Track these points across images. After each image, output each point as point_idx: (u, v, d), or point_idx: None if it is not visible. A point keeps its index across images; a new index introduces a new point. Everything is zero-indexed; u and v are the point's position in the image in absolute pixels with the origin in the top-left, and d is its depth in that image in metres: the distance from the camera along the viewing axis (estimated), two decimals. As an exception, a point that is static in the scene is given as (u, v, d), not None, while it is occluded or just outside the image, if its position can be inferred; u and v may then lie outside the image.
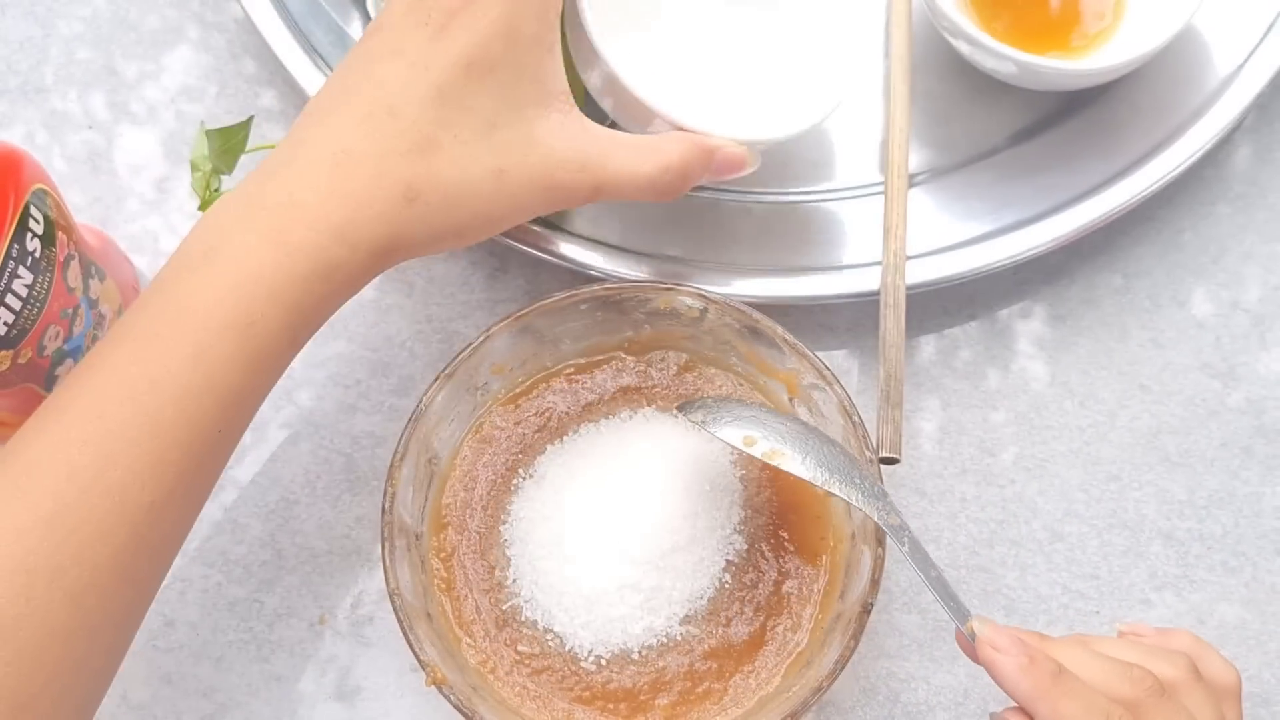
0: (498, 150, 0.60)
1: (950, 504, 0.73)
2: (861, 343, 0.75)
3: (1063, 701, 0.55)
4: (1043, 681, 0.55)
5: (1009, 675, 0.56)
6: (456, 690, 0.64)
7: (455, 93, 0.59)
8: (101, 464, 0.54)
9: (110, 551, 0.54)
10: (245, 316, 0.56)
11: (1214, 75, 0.75)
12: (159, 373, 0.55)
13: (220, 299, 0.56)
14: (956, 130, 0.77)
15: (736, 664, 0.67)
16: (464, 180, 0.60)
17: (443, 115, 0.59)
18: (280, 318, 0.57)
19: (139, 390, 0.55)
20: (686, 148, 0.64)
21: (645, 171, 0.63)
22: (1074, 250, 0.75)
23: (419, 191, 0.59)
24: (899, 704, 0.71)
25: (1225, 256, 0.77)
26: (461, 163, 0.59)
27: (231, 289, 0.56)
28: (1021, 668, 0.56)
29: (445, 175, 0.59)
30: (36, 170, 0.65)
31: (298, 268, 0.57)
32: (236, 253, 0.57)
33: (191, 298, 0.56)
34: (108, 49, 0.83)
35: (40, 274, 0.64)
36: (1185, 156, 0.74)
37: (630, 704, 0.66)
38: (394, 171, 0.58)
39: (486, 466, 0.70)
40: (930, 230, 0.74)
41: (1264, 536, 0.72)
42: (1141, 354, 0.75)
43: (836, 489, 0.62)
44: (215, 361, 0.56)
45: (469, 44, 0.59)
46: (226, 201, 0.59)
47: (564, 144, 0.62)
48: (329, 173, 0.58)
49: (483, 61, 0.59)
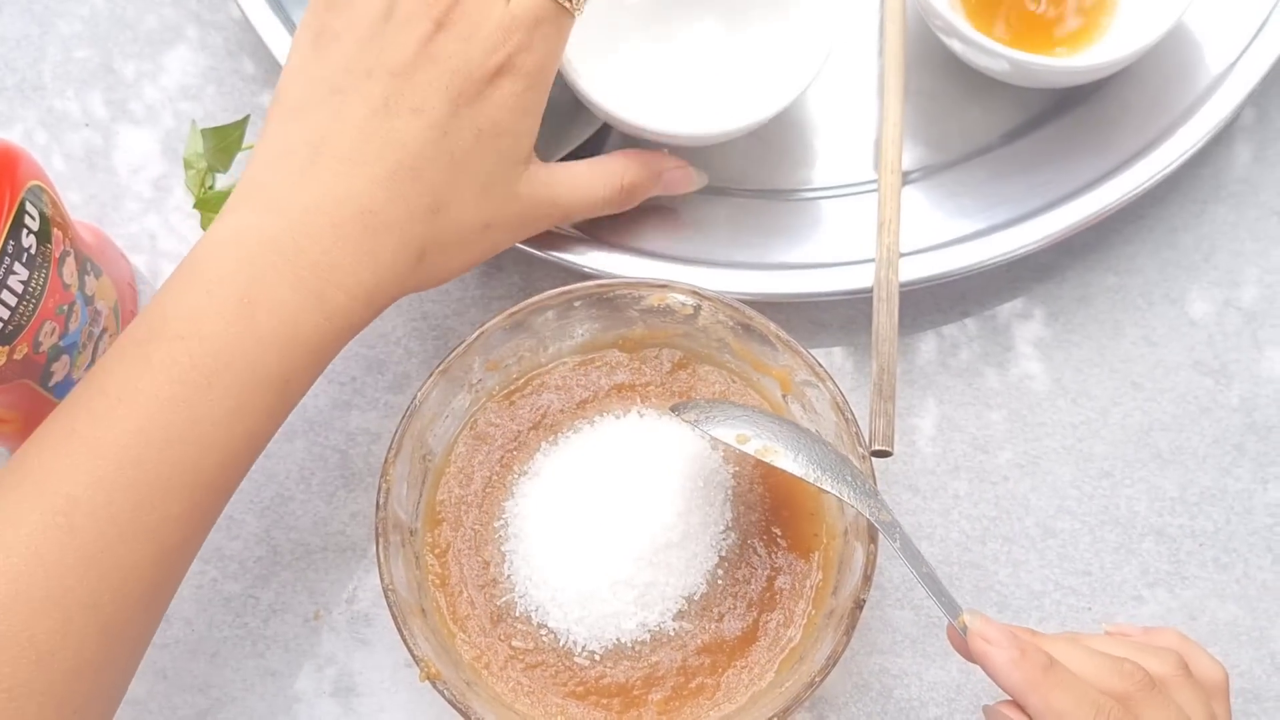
0: (487, 207, 0.64)
1: (943, 500, 0.73)
2: (855, 339, 0.76)
3: (1054, 693, 0.55)
4: (1034, 673, 0.56)
5: (1000, 667, 0.56)
6: (450, 686, 0.64)
7: (464, 158, 0.62)
8: (141, 508, 0.55)
9: (142, 588, 0.56)
10: (285, 374, 0.59)
11: (1206, 73, 0.75)
12: (203, 424, 0.57)
13: (263, 357, 0.58)
14: (950, 128, 0.77)
15: (729, 659, 0.67)
16: (459, 238, 0.64)
17: (452, 178, 0.62)
18: (310, 370, 0.61)
19: (185, 438, 0.56)
20: (636, 168, 0.71)
21: (601, 194, 0.69)
22: (1067, 248, 0.76)
23: (427, 252, 0.63)
24: (891, 700, 0.71)
25: (1218, 254, 0.77)
26: (460, 221, 0.63)
27: (274, 347, 0.58)
28: (1013, 660, 0.56)
29: (447, 234, 0.63)
30: (32, 167, 0.65)
31: (333, 328, 0.60)
32: (278, 310, 0.59)
33: (234, 351, 0.57)
34: (106, 48, 0.83)
35: (36, 270, 0.64)
36: (1178, 154, 0.74)
37: (624, 699, 0.67)
38: (414, 236, 0.62)
39: (481, 463, 0.71)
40: (923, 227, 0.74)
41: (1255, 533, 0.72)
42: (1134, 351, 0.75)
43: (828, 485, 0.62)
44: (254, 416, 0.58)
45: (485, 117, 0.62)
46: (249, 237, 0.60)
47: (537, 191, 0.66)
48: (359, 235, 0.61)
49: (492, 130, 0.63)
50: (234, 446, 0.58)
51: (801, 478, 0.62)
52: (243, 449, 0.59)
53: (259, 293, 0.58)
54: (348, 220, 0.60)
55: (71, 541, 0.54)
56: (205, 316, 0.58)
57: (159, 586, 0.57)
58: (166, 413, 0.56)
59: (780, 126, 0.77)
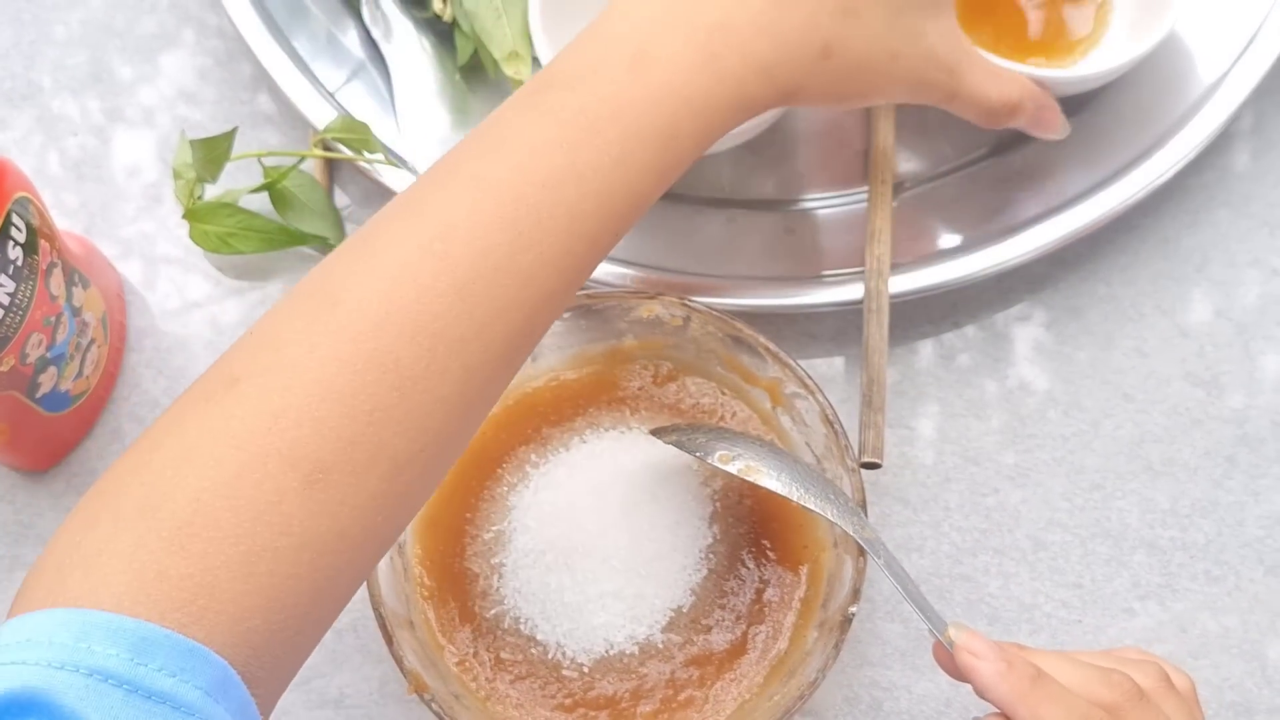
0: (897, 34, 0.62)
1: (934, 512, 0.73)
2: (844, 352, 0.75)
3: (1043, 705, 0.54)
4: (1021, 685, 0.55)
5: (987, 680, 0.56)
6: (438, 698, 0.64)
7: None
8: (517, 246, 0.53)
9: (505, 335, 0.53)
10: (669, 130, 0.57)
11: (1198, 83, 0.75)
12: (586, 169, 0.55)
13: (651, 109, 0.56)
14: (941, 139, 0.77)
15: (718, 671, 0.67)
16: (868, 53, 0.61)
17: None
18: (695, 136, 0.58)
19: (565, 180, 0.54)
20: (1028, 93, 0.68)
21: (990, 96, 0.67)
22: (1059, 259, 0.75)
23: (834, 51, 0.60)
24: (881, 712, 0.70)
25: (1210, 265, 0.76)
26: (870, 35, 0.61)
27: (662, 100, 0.56)
28: (999, 673, 0.55)
29: (856, 42, 0.61)
30: (19, 178, 0.65)
31: (724, 94, 0.58)
32: (671, 64, 0.57)
33: (621, 101, 0.56)
34: (102, 53, 0.83)
35: (22, 282, 0.64)
36: (1169, 165, 0.74)
37: (612, 711, 0.66)
38: (821, 26, 0.60)
39: (470, 475, 0.70)
40: (915, 239, 0.74)
41: (1247, 546, 0.72)
42: (1126, 363, 0.75)
43: (811, 504, 0.62)
44: (635, 168, 0.56)
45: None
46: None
47: (944, 46, 0.65)
48: (763, 6, 0.58)
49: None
50: (613, 198, 0.56)
51: (785, 496, 0.62)
52: (621, 203, 0.56)
53: (654, 48, 0.57)
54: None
55: (445, 267, 0.52)
56: (599, 68, 0.57)
57: (523, 338, 0.55)
58: (549, 152, 0.55)
59: (771, 137, 0.77)
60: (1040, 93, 0.69)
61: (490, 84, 0.77)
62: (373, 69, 0.79)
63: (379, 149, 0.75)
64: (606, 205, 0.56)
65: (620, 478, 0.69)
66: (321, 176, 0.79)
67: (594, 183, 0.55)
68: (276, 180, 0.76)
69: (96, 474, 0.75)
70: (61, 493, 0.75)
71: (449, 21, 0.77)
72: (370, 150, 0.75)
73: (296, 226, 0.77)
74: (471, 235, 0.52)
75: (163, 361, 0.77)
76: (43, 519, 0.75)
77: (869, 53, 0.61)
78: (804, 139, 0.78)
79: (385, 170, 0.75)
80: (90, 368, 0.73)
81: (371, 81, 0.79)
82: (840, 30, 0.60)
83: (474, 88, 0.78)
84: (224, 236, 0.76)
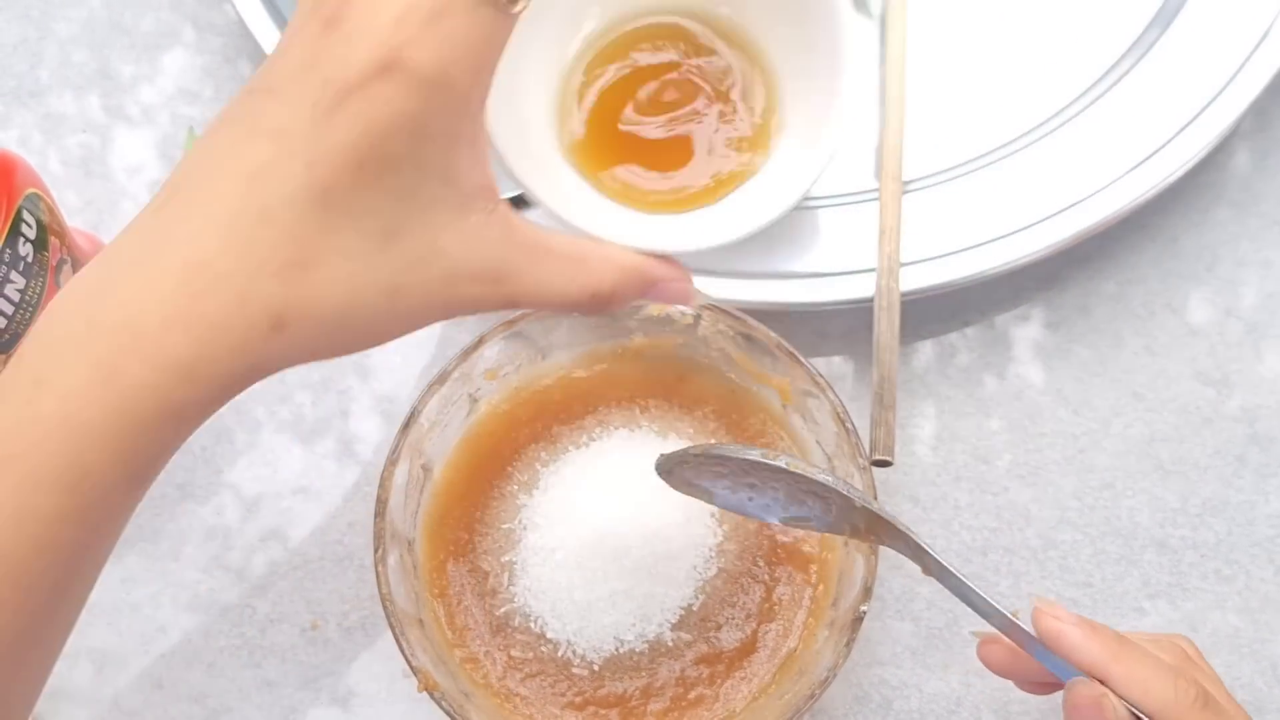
0: (393, 264, 0.48)
1: (944, 511, 0.73)
2: (855, 349, 0.75)
3: (1135, 664, 0.55)
4: (1111, 645, 0.56)
5: (1077, 641, 0.56)
6: (448, 696, 0.63)
7: (343, 196, 0.46)
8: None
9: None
10: (77, 470, 0.46)
11: (1209, 81, 0.75)
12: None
13: (49, 449, 0.46)
14: (951, 136, 0.77)
15: (728, 670, 0.67)
16: (349, 303, 0.48)
17: (327, 223, 0.46)
18: (117, 469, 0.47)
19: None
20: (623, 275, 0.54)
21: (570, 292, 0.52)
22: (1068, 257, 0.75)
23: (290, 319, 0.47)
24: (891, 711, 0.70)
25: (1220, 264, 0.76)
26: (347, 281, 0.47)
27: (60, 437, 0.46)
28: (1087, 634, 0.56)
29: (325, 297, 0.47)
30: (30, 174, 0.65)
31: (135, 412, 0.46)
32: (65, 390, 0.46)
33: (15, 444, 0.46)
34: (103, 51, 0.83)
35: (33, 278, 0.64)
36: (1180, 163, 0.73)
37: (622, 710, 0.66)
38: (261, 294, 0.46)
39: (480, 473, 0.70)
40: (925, 236, 0.73)
41: (1257, 545, 0.72)
42: (1136, 361, 0.75)
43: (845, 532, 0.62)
44: (43, 522, 0.46)
45: (364, 135, 0.45)
46: (66, 301, 0.48)
47: (478, 254, 0.50)
48: (178, 291, 0.46)
49: (379, 159, 0.46)
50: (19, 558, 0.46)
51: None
52: (35, 560, 0.46)
53: (50, 370, 0.46)
54: (166, 274, 0.46)
55: None
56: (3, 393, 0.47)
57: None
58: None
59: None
60: (653, 267, 0.55)
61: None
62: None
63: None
64: (16, 573, 0.46)
65: (630, 476, 0.68)
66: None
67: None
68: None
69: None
70: (69, 490, 0.75)
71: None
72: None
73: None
74: None
75: (170, 358, 0.77)
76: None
77: (349, 303, 0.47)
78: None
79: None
80: (99, 364, 0.72)
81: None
82: (294, 292, 0.46)
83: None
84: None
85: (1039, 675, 0.59)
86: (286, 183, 0.46)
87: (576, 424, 0.71)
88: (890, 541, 0.60)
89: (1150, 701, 0.54)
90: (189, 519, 0.74)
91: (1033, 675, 0.60)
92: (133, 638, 0.72)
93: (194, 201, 0.47)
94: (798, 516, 0.62)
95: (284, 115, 0.46)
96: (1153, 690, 0.55)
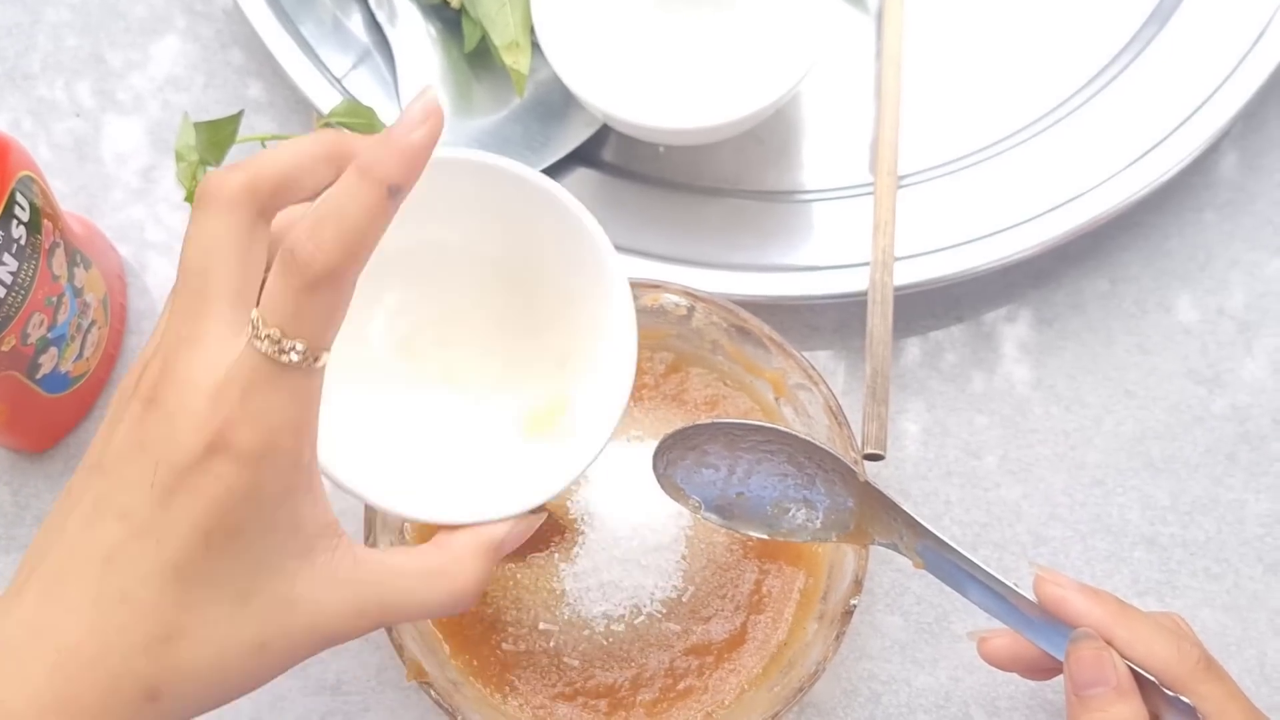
0: (255, 621, 0.50)
1: (934, 506, 0.73)
2: (848, 343, 0.75)
3: (1136, 624, 0.56)
4: (1113, 607, 0.57)
5: (1080, 607, 0.57)
6: (436, 685, 0.63)
7: (195, 569, 0.48)
8: None
9: None
10: None
11: (1202, 81, 0.75)
12: None
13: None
14: (946, 132, 0.77)
15: (717, 661, 0.67)
16: (219, 665, 0.49)
17: (184, 596, 0.48)
18: None
19: None
20: (477, 564, 0.56)
21: (433, 603, 0.55)
22: (1062, 254, 0.75)
23: (163, 690, 0.48)
24: (880, 705, 0.70)
25: (1212, 263, 0.77)
26: (214, 645, 0.49)
27: None
28: (1089, 598, 0.57)
29: (195, 664, 0.48)
30: (23, 157, 0.65)
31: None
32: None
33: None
34: (95, 37, 0.83)
35: (25, 261, 0.64)
36: (1173, 162, 0.73)
37: (611, 700, 0.66)
38: (131, 671, 0.47)
39: (470, 462, 0.70)
40: (918, 232, 0.74)
41: (1246, 544, 0.72)
42: (1127, 359, 0.75)
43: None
44: None
45: (205, 513, 0.47)
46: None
47: (333, 594, 0.51)
48: (51, 677, 0.47)
49: (224, 530, 0.48)
50: None
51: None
52: None
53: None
54: (37, 661, 0.47)
55: None
56: None
57: None
58: None
59: (775, 127, 0.77)
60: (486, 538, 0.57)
61: (496, 71, 0.77)
62: (378, 55, 0.78)
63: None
64: None
65: (621, 468, 0.68)
66: (324, 161, 0.78)
67: None
68: (279, 164, 0.75)
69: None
70: (59, 474, 0.75)
71: (456, 8, 0.77)
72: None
73: (298, 211, 0.76)
74: None
75: (161, 344, 0.77)
76: (40, 500, 0.74)
77: (219, 665, 0.49)
78: (808, 130, 0.78)
79: (389, 155, 0.75)
80: (90, 349, 0.72)
81: (376, 68, 0.78)
82: (164, 664, 0.48)
83: (479, 75, 0.78)
84: (225, 220, 0.75)
85: (1041, 662, 0.59)
86: (140, 563, 0.47)
87: (568, 414, 0.71)
88: (882, 532, 0.60)
89: (1154, 662, 0.55)
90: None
91: (1036, 663, 0.60)
92: (120, 624, 0.72)
93: (56, 587, 0.48)
94: (786, 518, 0.62)
95: (126, 498, 0.48)
96: (1156, 651, 0.56)
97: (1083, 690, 0.56)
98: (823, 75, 0.78)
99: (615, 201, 0.75)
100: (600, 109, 0.71)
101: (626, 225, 0.74)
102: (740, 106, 0.70)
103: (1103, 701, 0.55)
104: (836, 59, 0.79)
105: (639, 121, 0.71)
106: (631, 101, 0.71)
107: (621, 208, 0.75)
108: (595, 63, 0.73)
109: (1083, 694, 0.56)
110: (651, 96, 0.74)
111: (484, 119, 0.77)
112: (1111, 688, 0.55)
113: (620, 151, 0.78)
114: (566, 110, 0.76)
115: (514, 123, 0.76)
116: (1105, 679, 0.56)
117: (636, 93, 0.74)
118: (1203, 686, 0.55)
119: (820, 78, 0.78)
